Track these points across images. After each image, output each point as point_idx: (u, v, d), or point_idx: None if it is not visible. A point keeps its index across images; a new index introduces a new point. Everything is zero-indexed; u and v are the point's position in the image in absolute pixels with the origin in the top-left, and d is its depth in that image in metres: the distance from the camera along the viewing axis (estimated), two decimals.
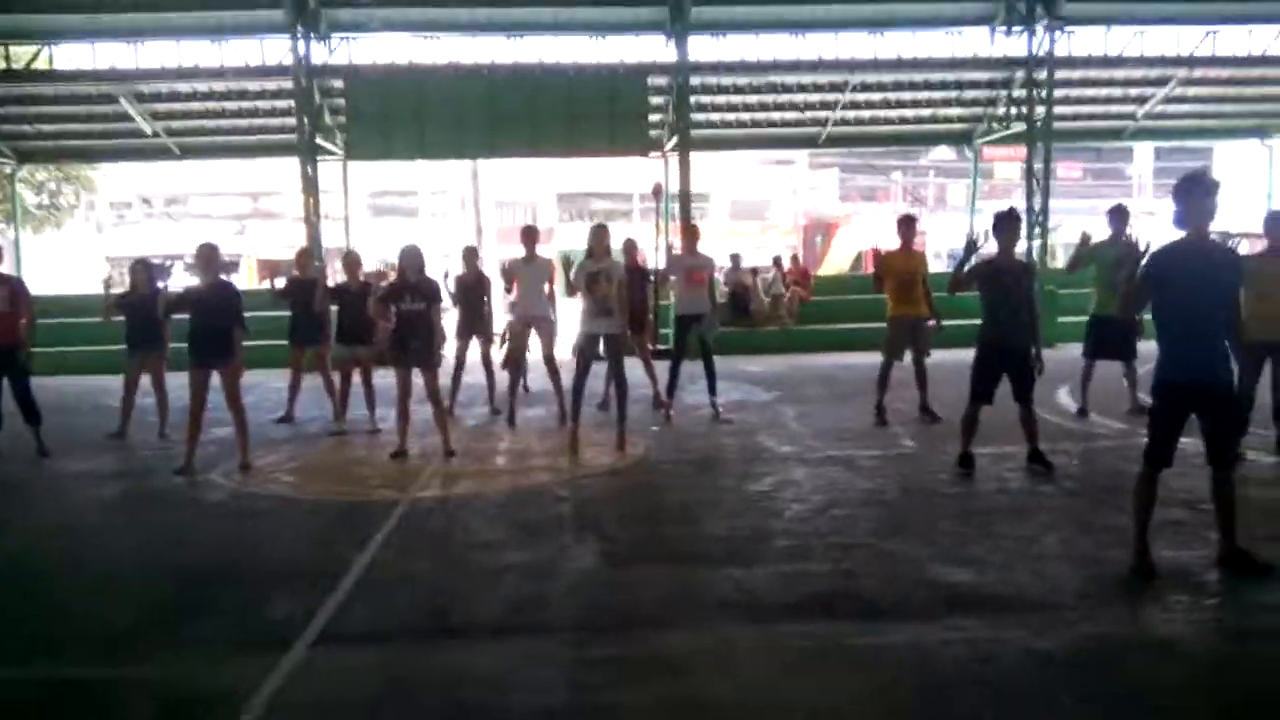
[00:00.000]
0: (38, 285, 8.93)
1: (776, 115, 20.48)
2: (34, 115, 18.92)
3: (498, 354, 10.47)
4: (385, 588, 4.88)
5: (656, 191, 16.21)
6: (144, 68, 17.34)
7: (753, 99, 19.66)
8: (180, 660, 4.05)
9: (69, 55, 17.49)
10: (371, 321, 8.96)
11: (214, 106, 18.91)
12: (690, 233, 10.16)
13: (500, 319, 10.89)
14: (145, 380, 9.54)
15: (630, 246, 10.46)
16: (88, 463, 8.42)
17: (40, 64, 17.57)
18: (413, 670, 3.89)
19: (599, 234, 8.16)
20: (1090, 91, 19.80)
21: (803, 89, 19.25)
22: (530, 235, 9.92)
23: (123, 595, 4.95)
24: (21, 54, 17.58)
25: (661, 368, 10.29)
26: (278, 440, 9.28)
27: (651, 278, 10.54)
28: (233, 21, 16.91)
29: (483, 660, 3.95)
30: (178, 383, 9.17)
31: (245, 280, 22.06)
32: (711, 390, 9.82)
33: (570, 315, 9.32)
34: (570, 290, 8.75)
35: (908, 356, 9.27)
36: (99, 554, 5.78)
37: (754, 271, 19.15)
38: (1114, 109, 20.64)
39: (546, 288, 9.87)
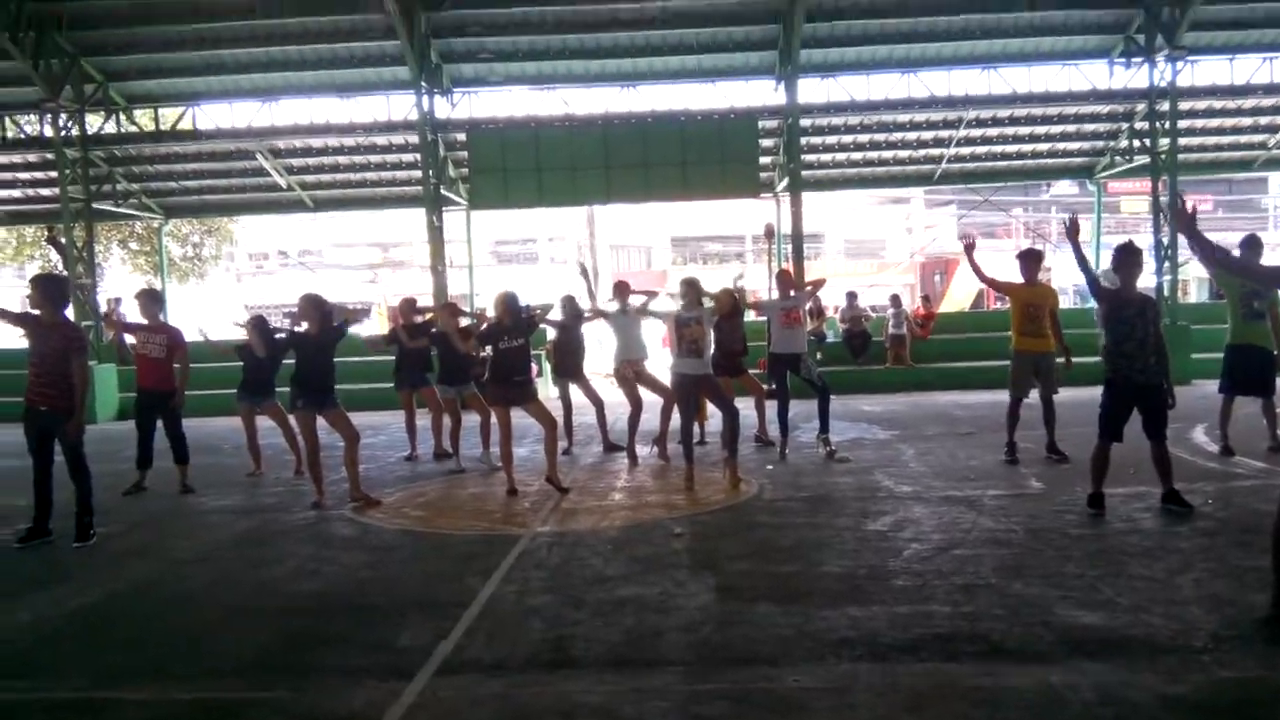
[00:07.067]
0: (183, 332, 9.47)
1: (889, 154, 20.30)
2: (179, 173, 20.18)
3: (605, 392, 10.87)
4: (506, 619, 4.97)
5: (768, 233, 16.20)
6: (278, 125, 18.35)
7: (864, 138, 19.52)
8: (309, 686, 4.17)
9: (209, 116, 18.65)
10: (468, 361, 9.65)
11: (344, 161, 19.86)
12: (784, 278, 10.30)
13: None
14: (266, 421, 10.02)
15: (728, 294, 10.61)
16: (227, 499, 8.83)
17: (184, 125, 18.78)
18: (531, 700, 3.94)
19: (688, 287, 8.60)
20: (1217, 121, 19.07)
21: (915, 126, 19.02)
22: (622, 289, 10.47)
23: (255, 622, 5.16)
24: (168, 116, 18.83)
25: (771, 408, 10.32)
26: (404, 477, 9.65)
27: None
28: (360, 80, 17.78)
29: (600, 691, 3.98)
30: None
31: (378, 326, 23.00)
32: (823, 428, 9.76)
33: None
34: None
35: (1034, 394, 9.01)
36: (234, 583, 6.03)
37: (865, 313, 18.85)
38: (1243, 139, 19.84)
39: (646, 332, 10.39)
